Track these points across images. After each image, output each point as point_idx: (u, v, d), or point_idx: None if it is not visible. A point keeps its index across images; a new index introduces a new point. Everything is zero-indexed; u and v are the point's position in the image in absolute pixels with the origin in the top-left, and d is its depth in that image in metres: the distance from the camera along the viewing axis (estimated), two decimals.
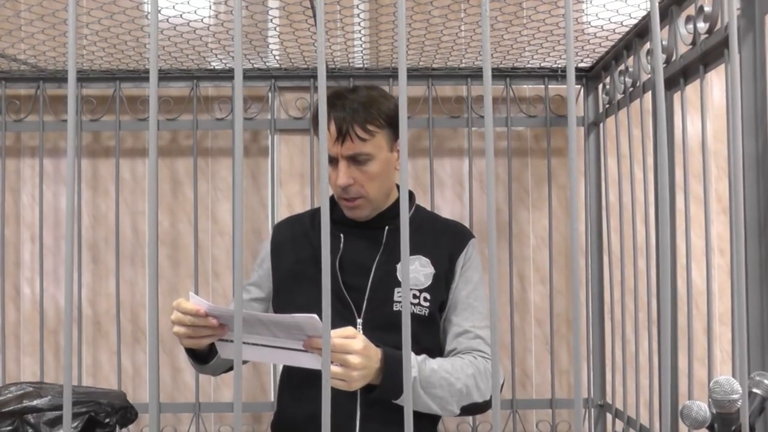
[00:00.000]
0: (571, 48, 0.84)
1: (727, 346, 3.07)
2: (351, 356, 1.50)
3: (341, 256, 1.83)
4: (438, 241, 1.88)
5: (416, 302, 1.80)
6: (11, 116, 3.14)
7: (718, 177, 3.16)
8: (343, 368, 1.50)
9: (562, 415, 3.13)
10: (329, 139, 1.72)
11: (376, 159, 1.77)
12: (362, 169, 1.76)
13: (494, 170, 0.92)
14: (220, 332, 1.56)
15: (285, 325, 1.48)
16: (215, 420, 3.14)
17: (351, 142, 1.73)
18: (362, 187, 1.78)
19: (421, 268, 1.83)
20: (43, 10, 2.38)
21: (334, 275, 1.79)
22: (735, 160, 0.99)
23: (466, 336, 1.81)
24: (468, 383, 1.70)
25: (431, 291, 1.82)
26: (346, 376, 1.50)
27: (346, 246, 1.84)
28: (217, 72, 3.09)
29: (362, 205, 1.81)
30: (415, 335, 1.76)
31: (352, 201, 1.80)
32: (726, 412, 1.30)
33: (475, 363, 1.75)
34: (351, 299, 1.79)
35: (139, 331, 3.17)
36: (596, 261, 3.10)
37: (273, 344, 1.53)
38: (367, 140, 1.75)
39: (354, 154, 1.75)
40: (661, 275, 0.87)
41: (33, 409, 1.99)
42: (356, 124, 1.73)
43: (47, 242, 3.14)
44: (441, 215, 2.05)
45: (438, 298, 1.83)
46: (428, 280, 1.82)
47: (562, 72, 3.11)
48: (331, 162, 1.77)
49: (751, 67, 1.81)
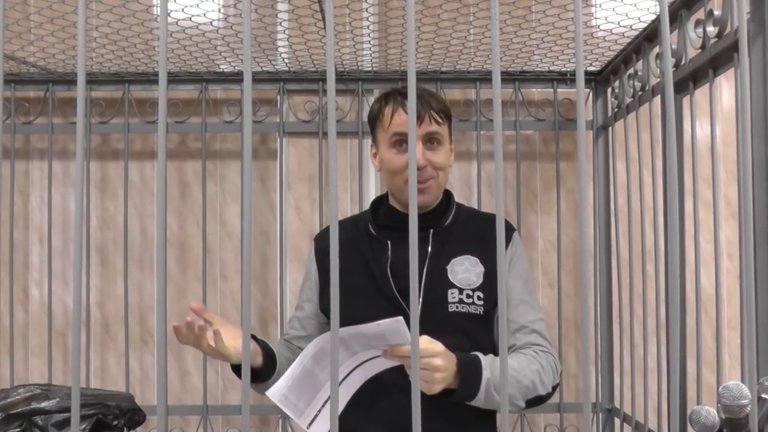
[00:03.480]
0: (580, 51, 0.83)
1: (735, 351, 3.05)
2: (435, 359, 1.54)
3: (391, 263, 1.83)
4: (484, 238, 1.89)
5: (470, 301, 1.81)
6: (20, 118, 3.15)
7: (728, 181, 3.15)
8: (426, 371, 1.54)
9: (570, 419, 3.12)
10: (404, 120, 1.77)
11: (444, 145, 1.83)
12: (435, 151, 1.80)
13: (503, 174, 0.92)
14: None
15: (368, 335, 1.48)
16: (223, 423, 3.14)
17: (429, 123, 1.78)
18: (435, 169, 1.81)
19: (471, 267, 1.84)
20: (53, 13, 2.39)
21: (387, 283, 1.80)
22: (744, 165, 0.98)
23: (523, 332, 1.84)
24: (534, 379, 1.74)
25: (484, 289, 1.83)
26: (430, 378, 1.54)
27: (394, 252, 1.84)
28: (226, 75, 3.10)
29: (432, 188, 1.83)
30: (471, 334, 1.78)
31: (425, 182, 1.81)
32: (735, 418, 1.29)
33: (538, 358, 1.79)
34: (406, 305, 1.80)
35: (147, 334, 3.17)
36: (605, 265, 3.09)
37: (353, 367, 1.54)
38: (441, 124, 1.81)
39: (431, 133, 1.79)
40: (670, 279, 0.87)
41: (41, 411, 1.99)
42: (431, 108, 1.79)
43: (56, 244, 3.15)
44: (479, 210, 2.06)
45: (491, 295, 1.83)
46: (480, 279, 1.83)
47: (571, 75, 3.10)
48: (399, 147, 1.80)
49: (761, 71, 1.80)
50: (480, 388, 1.63)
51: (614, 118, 2.95)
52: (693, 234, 2.24)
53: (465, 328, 1.80)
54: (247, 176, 0.85)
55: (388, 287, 1.80)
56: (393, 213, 1.89)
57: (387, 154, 1.82)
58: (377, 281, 1.82)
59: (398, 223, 1.87)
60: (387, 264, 1.83)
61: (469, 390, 1.63)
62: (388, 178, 1.86)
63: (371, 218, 1.92)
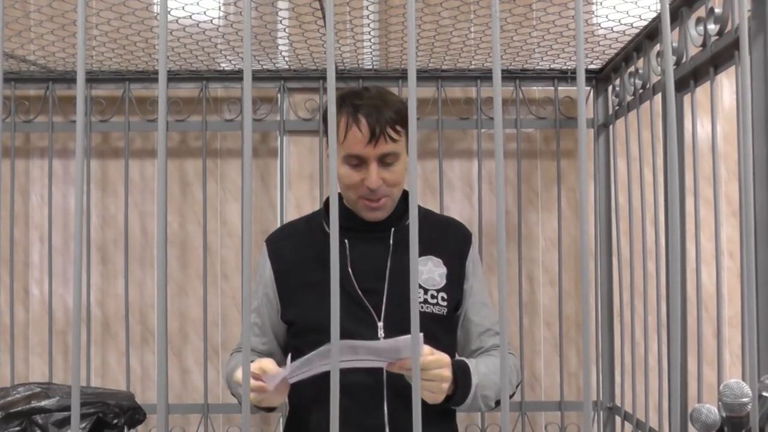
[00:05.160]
0: (581, 49, 0.83)
1: (736, 350, 3.05)
2: (444, 370, 1.57)
3: (351, 261, 1.82)
4: (444, 240, 1.89)
5: (435, 302, 1.80)
6: (21, 117, 3.15)
7: (728, 180, 3.15)
8: (435, 383, 1.56)
9: (571, 418, 3.12)
10: (357, 140, 1.71)
11: (401, 160, 1.78)
12: (390, 169, 1.76)
13: (504, 172, 0.92)
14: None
15: (381, 350, 1.49)
16: (224, 421, 3.14)
17: (384, 143, 1.71)
18: (389, 187, 1.77)
19: (435, 268, 1.84)
20: (53, 11, 2.39)
21: (350, 281, 1.79)
22: (745, 163, 0.98)
23: (488, 334, 1.86)
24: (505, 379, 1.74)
25: (447, 290, 1.83)
26: (438, 389, 1.57)
27: (353, 251, 1.83)
28: (227, 73, 3.09)
29: (386, 206, 1.80)
30: (434, 334, 1.77)
31: (377, 201, 1.78)
32: (736, 416, 1.29)
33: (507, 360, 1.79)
34: (370, 303, 1.79)
35: (148, 332, 3.17)
36: (606, 263, 3.10)
37: (354, 364, 1.54)
38: (397, 141, 1.75)
39: (386, 154, 1.73)
40: (671, 278, 0.87)
41: (41, 410, 1.99)
42: (388, 125, 1.71)
43: (56, 243, 3.15)
44: (435, 212, 2.05)
45: (454, 297, 1.84)
46: (443, 280, 1.83)
47: (572, 74, 3.10)
48: (353, 164, 1.75)
49: (762, 69, 1.80)
50: (470, 393, 1.64)
51: (615, 116, 2.95)
52: (694, 232, 2.24)
53: (428, 329, 1.77)
54: (247, 174, 0.85)
55: (350, 285, 1.79)
56: (348, 213, 1.87)
57: (342, 168, 1.78)
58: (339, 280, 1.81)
59: (353, 224, 1.85)
60: (347, 262, 1.82)
61: (462, 396, 1.64)
62: (344, 190, 1.82)
63: (324, 217, 1.90)
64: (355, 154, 1.73)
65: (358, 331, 1.67)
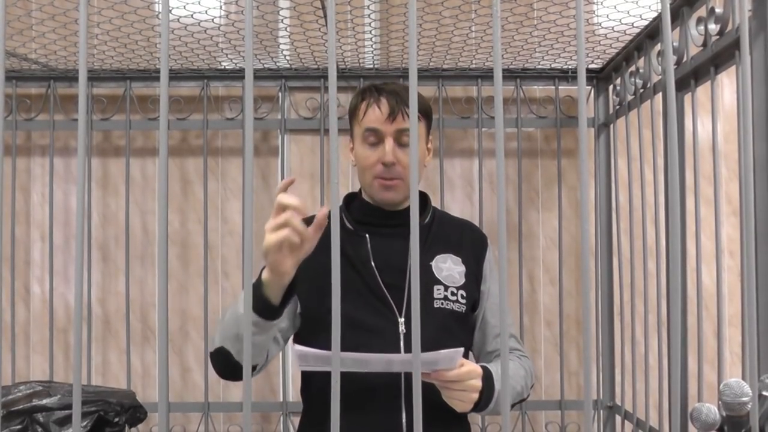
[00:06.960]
0: (582, 49, 0.83)
1: (736, 349, 3.05)
2: (476, 380, 1.60)
3: (373, 256, 1.83)
4: (462, 241, 1.90)
5: (455, 299, 1.81)
6: (22, 115, 3.15)
7: (729, 179, 3.15)
8: (466, 392, 1.59)
9: (571, 417, 3.12)
10: (376, 116, 1.75)
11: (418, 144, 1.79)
12: (406, 151, 1.77)
13: (504, 171, 0.92)
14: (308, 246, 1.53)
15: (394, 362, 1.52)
16: (224, 420, 3.15)
17: (402, 120, 1.75)
18: (404, 168, 1.78)
19: (454, 266, 1.85)
20: (55, 10, 2.39)
21: (373, 277, 1.79)
22: (745, 162, 0.98)
23: None
24: (522, 384, 1.81)
25: (466, 289, 1.84)
26: (468, 398, 1.60)
27: (374, 247, 1.83)
28: (228, 72, 3.10)
29: (399, 187, 1.80)
30: (452, 331, 1.78)
31: (391, 180, 1.78)
32: (736, 415, 1.29)
33: (522, 364, 1.85)
34: (392, 298, 1.79)
35: (149, 331, 3.17)
36: (606, 262, 3.10)
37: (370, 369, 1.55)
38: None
39: (404, 129, 1.76)
40: (671, 277, 0.87)
41: (42, 408, 2.00)
42: (406, 105, 1.74)
43: (57, 241, 3.15)
44: (450, 214, 2.06)
45: (472, 296, 1.85)
46: (462, 278, 1.84)
47: (573, 73, 3.10)
48: (370, 142, 1.78)
49: (763, 68, 1.80)
50: (493, 399, 1.66)
51: (616, 115, 2.95)
52: (694, 231, 2.24)
53: (447, 325, 1.80)
54: (248, 173, 0.85)
55: (373, 281, 1.79)
56: (367, 207, 1.88)
57: (360, 149, 1.81)
58: (361, 274, 1.81)
59: (373, 218, 1.86)
60: (369, 257, 1.82)
61: (486, 403, 1.66)
62: (361, 173, 1.85)
63: (346, 212, 1.91)
64: (373, 128, 1.76)
65: (380, 325, 1.71)
